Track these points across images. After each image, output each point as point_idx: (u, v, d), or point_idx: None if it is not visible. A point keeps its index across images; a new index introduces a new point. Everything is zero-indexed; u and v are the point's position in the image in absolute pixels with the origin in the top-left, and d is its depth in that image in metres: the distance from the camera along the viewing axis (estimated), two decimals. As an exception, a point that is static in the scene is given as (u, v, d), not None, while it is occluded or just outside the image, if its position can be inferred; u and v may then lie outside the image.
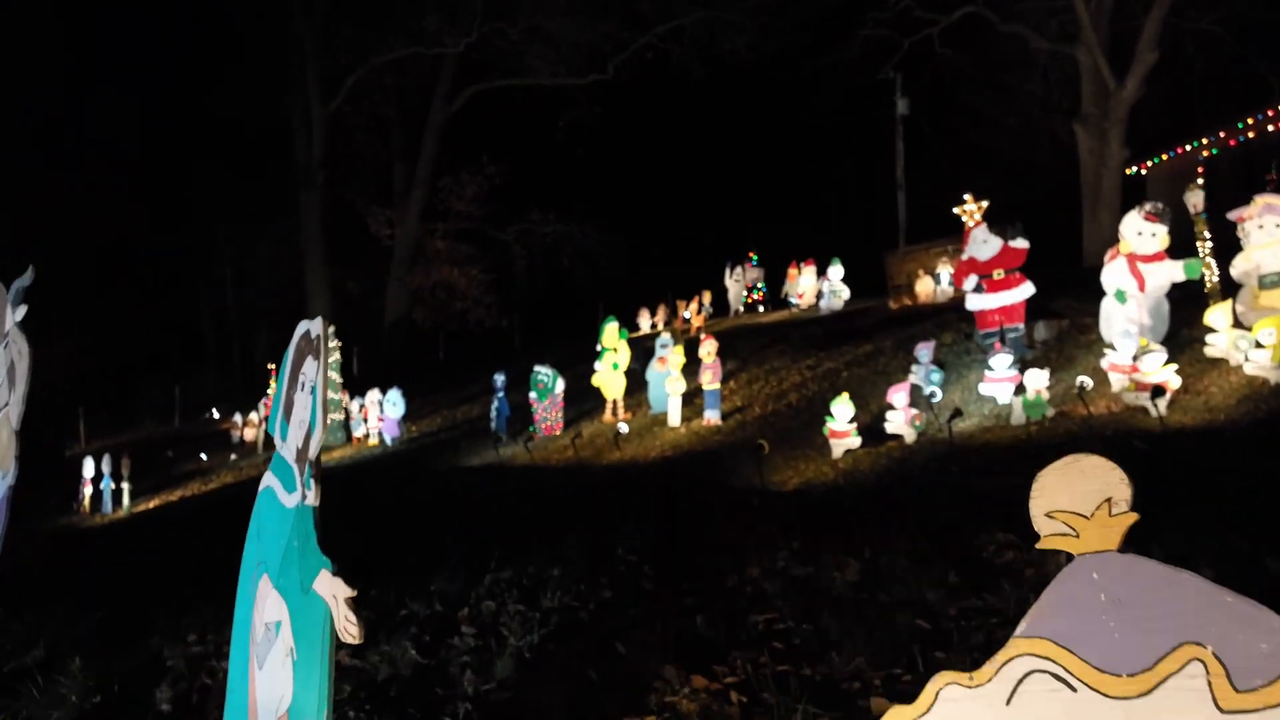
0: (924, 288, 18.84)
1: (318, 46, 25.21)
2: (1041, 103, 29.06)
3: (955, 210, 20.46)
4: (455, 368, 29.39)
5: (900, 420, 9.12)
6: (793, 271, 24.79)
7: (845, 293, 21.13)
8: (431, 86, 27.82)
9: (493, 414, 14.86)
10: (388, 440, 17.38)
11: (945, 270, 18.46)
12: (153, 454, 23.81)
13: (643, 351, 17.65)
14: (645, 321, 27.67)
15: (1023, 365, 9.51)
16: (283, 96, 27.27)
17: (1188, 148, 22.44)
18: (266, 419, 22.78)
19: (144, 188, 33.21)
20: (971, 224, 19.77)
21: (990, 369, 9.43)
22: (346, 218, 28.84)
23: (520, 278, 29.65)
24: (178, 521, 14.42)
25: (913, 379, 10.46)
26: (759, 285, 27.65)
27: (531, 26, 25.55)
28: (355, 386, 28.54)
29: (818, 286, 22.98)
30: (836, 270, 21.26)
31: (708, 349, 12.10)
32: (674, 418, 12.46)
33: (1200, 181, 21.80)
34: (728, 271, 25.95)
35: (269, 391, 28.80)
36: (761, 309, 26.84)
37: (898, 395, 9.20)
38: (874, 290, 23.61)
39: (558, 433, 14.16)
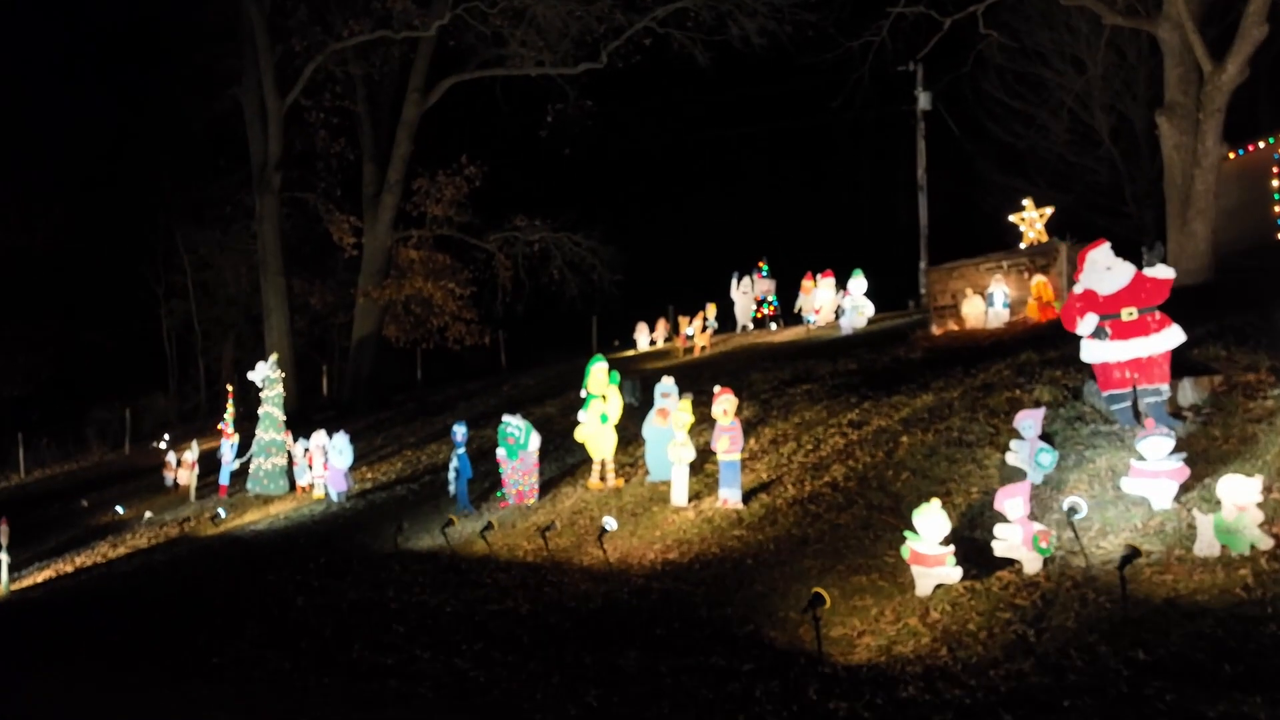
0: (972, 310, 15.94)
1: (269, 30, 22.19)
2: (1081, 96, 26.38)
3: (1011, 218, 17.60)
4: (434, 390, 26.54)
5: (1016, 539, 6.18)
6: (807, 284, 22.06)
7: (869, 309, 18.29)
8: (403, 78, 24.80)
9: (451, 475, 11.90)
10: (333, 495, 14.46)
11: (999, 289, 15.57)
12: (77, 497, 20.91)
13: (642, 380, 14.84)
14: (643, 338, 25.03)
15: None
16: (232, 88, 24.24)
17: (1261, 144, 19.67)
18: (209, 453, 19.81)
19: (95, 192, 30.28)
20: (1032, 233, 16.92)
21: (1141, 459, 6.49)
22: (310, 224, 25.86)
23: (504, 291, 26.64)
24: (59, 607, 11.49)
25: (1012, 460, 7.54)
26: (770, 299, 25.01)
27: (514, 8, 22.55)
28: (321, 412, 25.81)
29: (836, 301, 19.83)
30: (858, 283, 18.54)
31: (724, 406, 9.15)
32: (679, 494, 9.52)
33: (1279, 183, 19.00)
34: (734, 283, 22.71)
35: (225, 417, 25.85)
36: (775, 325, 24.20)
37: (1011, 502, 6.26)
38: (893, 304, 21.19)
39: (530, 501, 11.24)
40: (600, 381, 10.98)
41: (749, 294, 23.94)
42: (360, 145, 25.69)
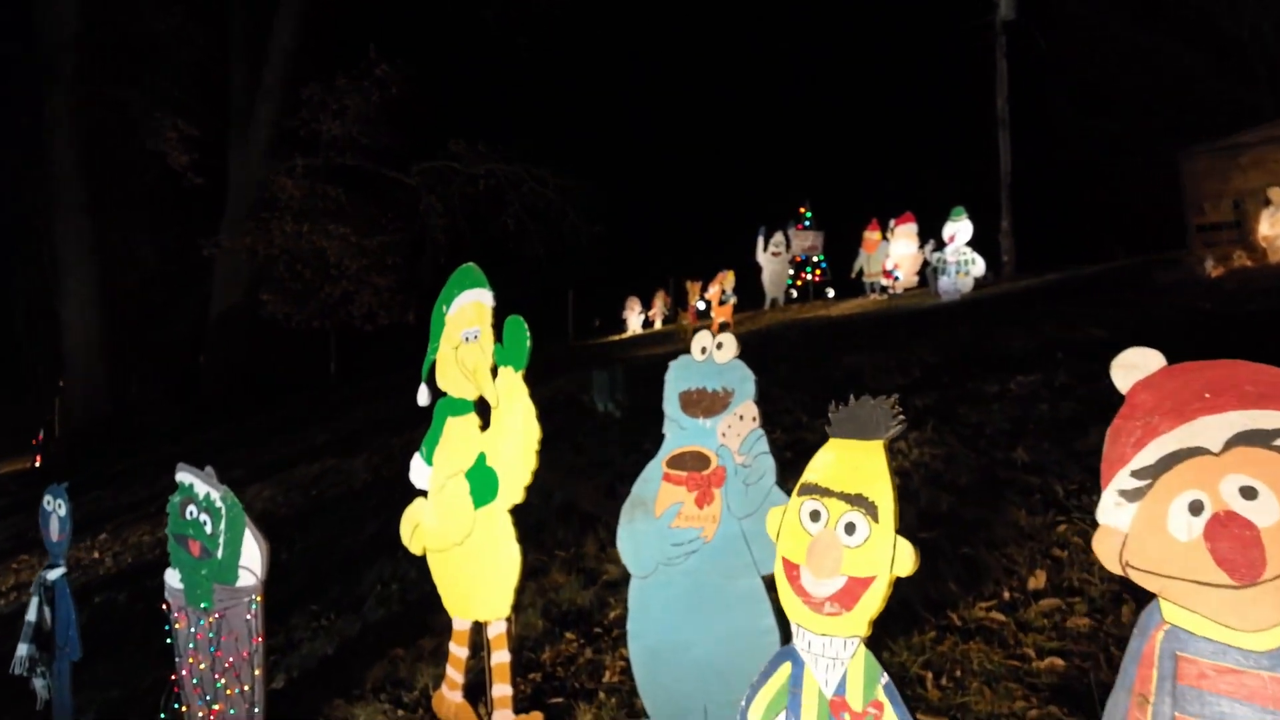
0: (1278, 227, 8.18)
1: None
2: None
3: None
4: (344, 388, 19.04)
5: None
6: (871, 235, 15.68)
7: (979, 265, 12.70)
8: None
9: (20, 650, 3.96)
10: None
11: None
12: None
13: (629, 374, 7.50)
14: (635, 318, 18.85)
15: None
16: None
17: None
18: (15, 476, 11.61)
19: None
20: None
21: None
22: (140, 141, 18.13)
23: (436, 246, 19.38)
24: None
25: None
26: (816, 258, 17.80)
27: None
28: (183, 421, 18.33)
29: (919, 256, 14.54)
30: (962, 228, 12.61)
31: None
32: None
33: None
34: (760, 242, 16.87)
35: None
36: (830, 293, 17.07)
37: None
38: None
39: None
40: (465, 358, 3.03)
41: (782, 254, 17.33)
42: (229, 36, 18.12)
